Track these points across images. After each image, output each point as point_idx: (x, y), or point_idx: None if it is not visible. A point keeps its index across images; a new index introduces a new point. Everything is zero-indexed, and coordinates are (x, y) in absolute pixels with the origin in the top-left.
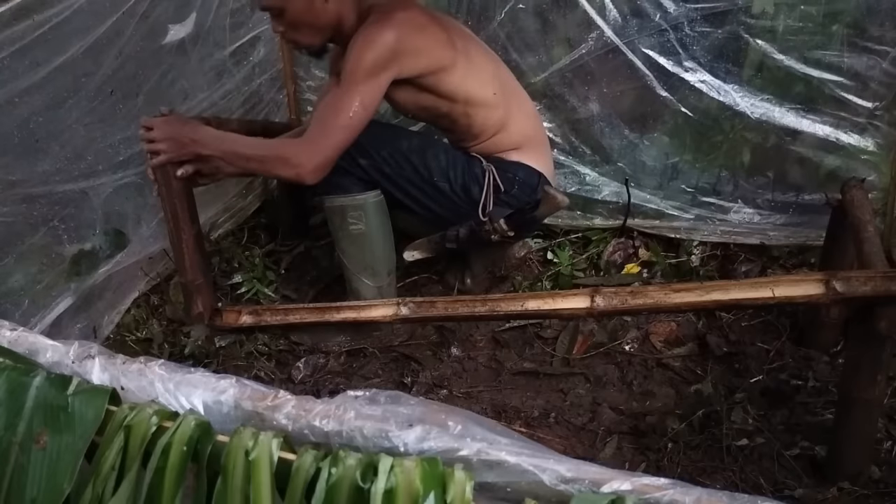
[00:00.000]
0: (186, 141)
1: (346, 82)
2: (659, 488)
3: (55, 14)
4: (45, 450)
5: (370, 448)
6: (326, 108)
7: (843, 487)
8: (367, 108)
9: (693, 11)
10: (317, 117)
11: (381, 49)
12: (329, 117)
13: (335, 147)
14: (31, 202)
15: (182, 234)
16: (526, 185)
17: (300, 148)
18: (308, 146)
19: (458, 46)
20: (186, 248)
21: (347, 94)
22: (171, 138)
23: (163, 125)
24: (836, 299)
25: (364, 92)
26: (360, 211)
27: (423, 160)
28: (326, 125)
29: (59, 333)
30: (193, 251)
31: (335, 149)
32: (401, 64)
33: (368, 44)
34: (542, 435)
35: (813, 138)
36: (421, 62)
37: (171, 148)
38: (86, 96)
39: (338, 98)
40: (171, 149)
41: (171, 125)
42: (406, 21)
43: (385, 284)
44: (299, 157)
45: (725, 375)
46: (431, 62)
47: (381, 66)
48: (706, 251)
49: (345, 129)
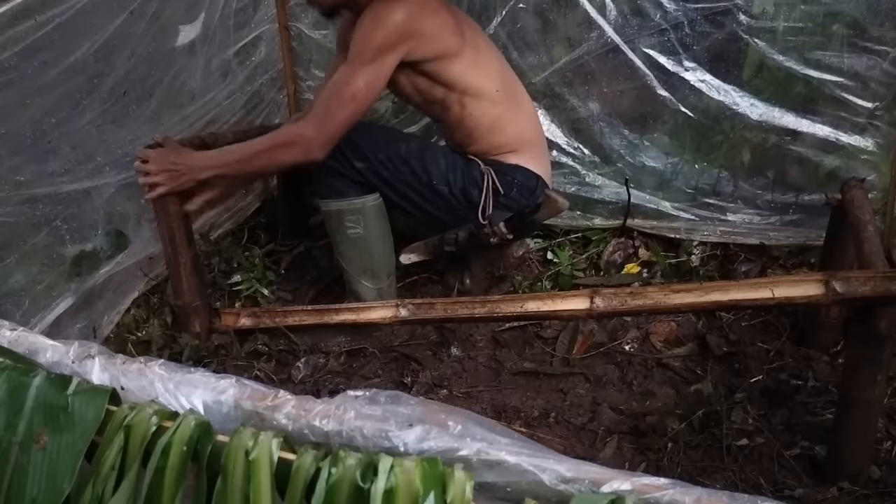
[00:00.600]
0: (182, 170)
1: (353, 61)
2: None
3: (58, 14)
4: (45, 450)
5: (370, 448)
6: (332, 86)
7: (843, 487)
8: (372, 89)
9: (693, 11)
10: (321, 97)
11: (391, 29)
12: (334, 97)
13: (341, 124)
14: (35, 202)
15: (179, 257)
16: (524, 188)
17: (305, 127)
18: (313, 123)
19: (466, 35)
20: (184, 271)
21: (354, 74)
22: (167, 170)
23: (157, 157)
24: (836, 300)
25: (370, 72)
26: (357, 215)
27: (422, 163)
28: (331, 104)
29: (59, 333)
30: (191, 274)
31: (340, 126)
32: (409, 46)
33: (378, 23)
34: (542, 435)
35: (813, 138)
36: (429, 46)
37: (168, 180)
38: (98, 97)
39: (343, 77)
40: (167, 181)
41: (165, 156)
42: (418, 3)
43: (385, 286)
44: (305, 135)
45: (725, 375)
46: (439, 47)
47: (390, 47)
48: (706, 251)
49: (350, 107)
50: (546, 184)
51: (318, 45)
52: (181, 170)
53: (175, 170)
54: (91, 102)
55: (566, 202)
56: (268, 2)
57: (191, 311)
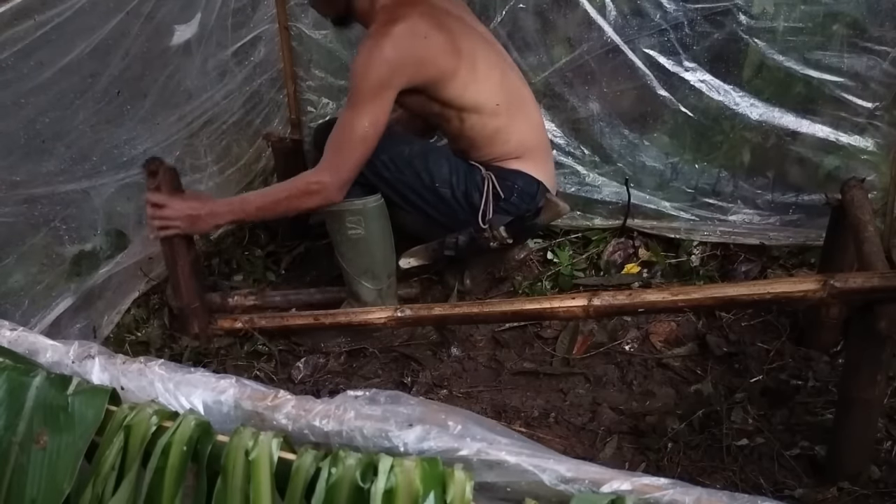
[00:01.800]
0: (204, 216)
1: (353, 103)
2: (659, 488)
3: (56, 14)
4: (45, 450)
5: (370, 448)
6: (340, 133)
7: (843, 487)
8: (378, 125)
9: (693, 11)
10: (332, 144)
11: (382, 68)
12: (345, 143)
13: (353, 165)
14: (33, 202)
15: (178, 259)
16: (525, 193)
17: (320, 174)
18: (328, 169)
19: (463, 52)
20: (182, 273)
21: (357, 117)
22: (188, 216)
23: (177, 204)
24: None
25: (371, 111)
26: (359, 216)
27: (425, 165)
28: (343, 150)
29: (59, 334)
30: (189, 276)
31: (355, 168)
32: (405, 78)
33: (371, 63)
34: (542, 435)
35: (813, 138)
36: (423, 73)
37: (187, 224)
38: (92, 97)
39: (348, 122)
40: (185, 225)
41: (186, 203)
42: (406, 34)
43: (385, 287)
44: (323, 181)
45: (725, 375)
46: (432, 73)
47: (384, 84)
48: (706, 251)
49: (360, 149)
50: (547, 189)
51: (319, 45)
52: (202, 215)
53: (195, 215)
54: (84, 102)
55: (567, 206)
56: (267, 2)
57: (189, 313)
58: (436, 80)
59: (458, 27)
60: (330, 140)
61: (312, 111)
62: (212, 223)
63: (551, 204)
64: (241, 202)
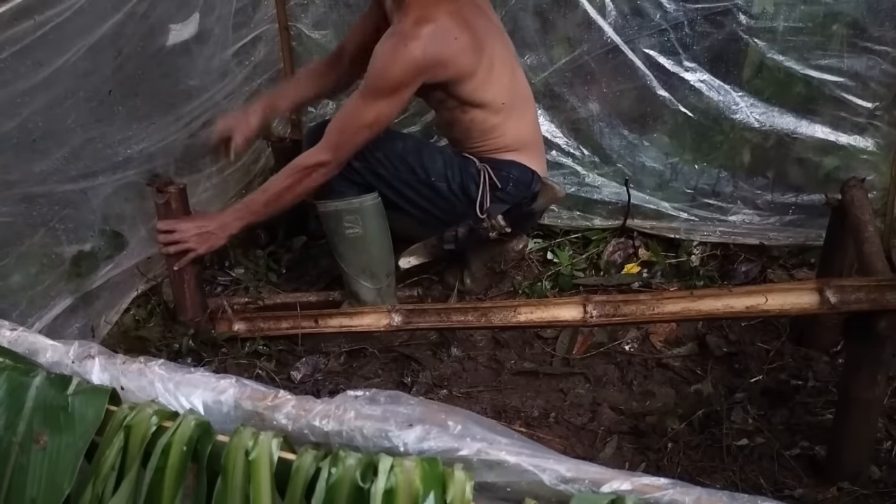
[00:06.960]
0: (215, 230)
1: (369, 92)
2: (659, 488)
3: (56, 14)
4: (45, 450)
5: (370, 448)
6: (348, 114)
7: (843, 487)
8: (388, 118)
9: (693, 11)
10: (336, 123)
11: (407, 67)
12: (349, 125)
13: (353, 149)
14: (31, 203)
15: (184, 274)
16: (520, 182)
17: (321, 153)
18: (330, 148)
19: (484, 52)
20: (188, 289)
21: (369, 105)
22: (200, 234)
23: (185, 225)
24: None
25: (386, 105)
26: (356, 215)
27: (419, 161)
28: (345, 129)
29: (57, 334)
30: (195, 290)
31: (353, 150)
32: (425, 77)
33: (398, 59)
34: (542, 435)
35: (813, 139)
36: (444, 73)
37: (201, 241)
38: (84, 97)
39: (359, 107)
40: (201, 242)
41: (194, 223)
42: (436, 36)
43: (384, 286)
44: (322, 160)
45: (725, 375)
46: (453, 72)
47: (405, 83)
48: (706, 251)
49: (364, 134)
50: (542, 178)
51: (319, 45)
52: (213, 230)
53: (207, 232)
54: (76, 101)
55: (563, 190)
56: (267, 2)
57: (192, 326)
58: (454, 79)
59: (483, 24)
60: (336, 120)
61: (312, 111)
62: (224, 236)
63: (547, 187)
64: (246, 205)
